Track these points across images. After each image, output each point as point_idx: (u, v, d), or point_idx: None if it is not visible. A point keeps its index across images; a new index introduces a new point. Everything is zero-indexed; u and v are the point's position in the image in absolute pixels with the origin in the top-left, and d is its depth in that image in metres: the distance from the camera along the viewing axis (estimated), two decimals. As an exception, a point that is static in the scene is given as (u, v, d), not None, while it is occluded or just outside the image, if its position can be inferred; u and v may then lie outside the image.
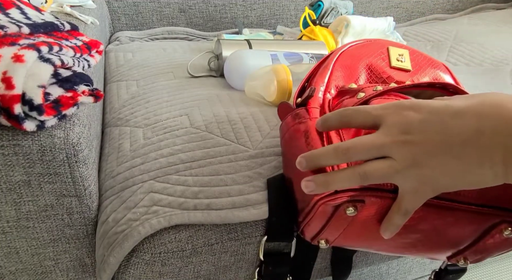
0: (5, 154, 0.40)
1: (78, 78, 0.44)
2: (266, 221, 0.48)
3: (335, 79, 0.47)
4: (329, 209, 0.38)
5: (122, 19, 1.05)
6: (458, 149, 0.32)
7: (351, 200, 0.37)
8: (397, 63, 0.50)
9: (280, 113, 0.49)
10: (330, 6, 0.97)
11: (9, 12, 0.48)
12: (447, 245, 0.44)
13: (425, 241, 0.43)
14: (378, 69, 0.50)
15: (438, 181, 0.33)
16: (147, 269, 0.46)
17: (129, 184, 0.50)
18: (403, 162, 0.33)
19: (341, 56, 0.49)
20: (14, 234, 0.47)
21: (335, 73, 0.47)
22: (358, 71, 0.49)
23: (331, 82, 0.47)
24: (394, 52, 0.51)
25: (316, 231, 0.42)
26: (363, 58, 0.50)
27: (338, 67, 0.48)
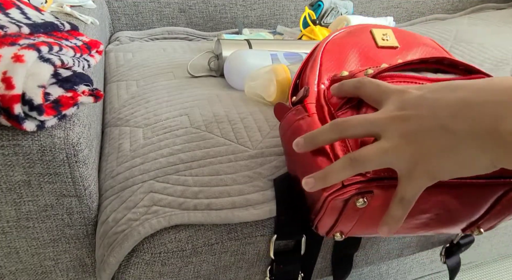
0: (5, 154, 0.40)
1: (78, 78, 0.44)
2: (274, 220, 0.48)
3: (325, 70, 0.47)
4: (339, 203, 0.39)
5: (122, 19, 1.05)
6: (447, 122, 0.30)
7: (360, 193, 0.37)
8: (383, 42, 0.50)
9: (277, 114, 0.49)
10: (330, 6, 0.97)
11: (9, 12, 0.48)
12: (460, 220, 0.44)
13: (437, 219, 0.43)
14: (367, 52, 0.49)
15: (431, 161, 0.31)
16: (147, 269, 0.46)
17: (129, 184, 0.50)
18: (392, 139, 0.32)
19: (327, 47, 0.49)
20: (14, 234, 0.47)
21: (325, 64, 0.47)
22: (347, 58, 0.48)
23: (323, 74, 0.46)
24: (377, 33, 0.51)
25: (330, 226, 0.43)
26: (349, 45, 0.50)
27: (327, 58, 0.48)
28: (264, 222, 0.48)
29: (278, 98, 0.62)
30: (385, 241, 0.58)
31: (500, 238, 0.78)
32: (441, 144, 0.30)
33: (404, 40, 0.52)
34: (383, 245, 0.58)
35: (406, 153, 0.32)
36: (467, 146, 0.29)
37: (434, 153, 0.31)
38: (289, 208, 0.47)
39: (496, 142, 0.28)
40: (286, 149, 0.48)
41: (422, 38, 0.54)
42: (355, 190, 0.37)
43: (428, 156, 0.31)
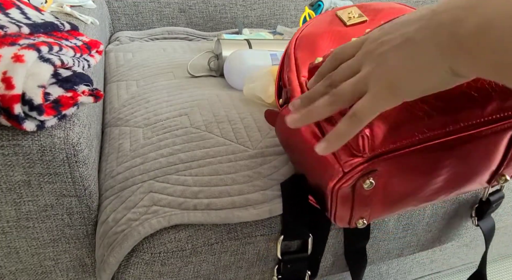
0: (5, 154, 0.40)
1: (78, 78, 0.44)
2: (275, 220, 0.49)
3: (302, 62, 0.47)
4: (348, 190, 0.39)
5: (122, 19, 1.05)
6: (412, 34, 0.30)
7: (364, 174, 0.37)
8: (351, 21, 0.50)
9: (269, 120, 0.50)
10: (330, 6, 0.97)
11: (9, 12, 0.48)
12: (480, 174, 0.44)
13: (455, 180, 0.43)
14: (338, 35, 0.49)
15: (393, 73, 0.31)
16: (147, 269, 0.46)
17: (129, 184, 0.50)
18: (367, 67, 0.33)
19: (298, 42, 0.49)
20: (14, 234, 0.47)
21: (300, 57, 0.47)
22: (320, 46, 0.48)
23: (300, 67, 0.46)
24: (343, 13, 0.51)
25: (348, 215, 0.43)
26: (319, 33, 0.50)
27: (300, 51, 0.48)
28: (264, 222, 0.48)
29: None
30: (385, 241, 0.58)
31: (500, 238, 0.78)
32: (403, 55, 0.31)
33: (372, 12, 0.52)
34: (383, 245, 0.58)
35: (374, 74, 0.32)
36: (427, 52, 0.29)
37: (397, 65, 0.31)
38: (296, 209, 0.48)
39: (455, 45, 0.28)
40: (287, 147, 0.48)
41: (389, 4, 0.53)
42: (358, 174, 0.37)
43: (391, 70, 0.31)
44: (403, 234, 0.58)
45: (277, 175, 0.51)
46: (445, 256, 0.75)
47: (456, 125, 0.38)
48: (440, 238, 0.62)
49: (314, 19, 0.53)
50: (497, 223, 0.65)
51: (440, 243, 0.63)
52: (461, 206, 0.59)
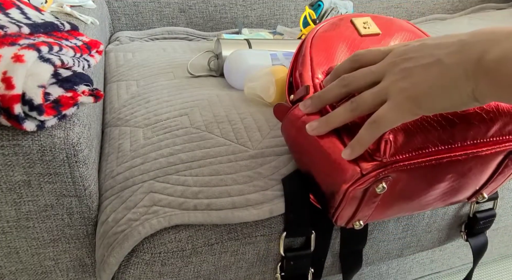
0: (5, 154, 0.40)
1: (78, 78, 0.44)
2: (282, 218, 0.49)
3: (317, 64, 0.47)
4: (359, 192, 0.40)
5: (122, 19, 1.05)
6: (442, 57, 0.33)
7: (379, 179, 0.38)
8: (366, 31, 0.52)
9: (277, 114, 0.50)
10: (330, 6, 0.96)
11: (9, 12, 0.48)
12: (468, 189, 0.47)
13: (449, 192, 0.45)
14: (353, 43, 0.51)
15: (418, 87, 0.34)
16: (147, 269, 0.46)
17: (129, 184, 0.50)
18: (389, 78, 0.35)
19: (314, 42, 0.50)
20: (14, 234, 0.47)
21: (315, 59, 0.48)
22: (336, 51, 0.49)
23: (315, 69, 0.47)
24: (358, 22, 0.53)
25: (350, 216, 0.44)
26: (335, 38, 0.50)
27: (316, 53, 0.49)
28: (264, 222, 0.48)
29: (278, 99, 0.62)
30: (385, 241, 0.58)
31: (500, 238, 0.78)
32: (431, 74, 0.34)
33: (384, 26, 0.53)
34: (383, 245, 0.58)
35: (398, 86, 0.35)
36: (455, 75, 0.33)
37: (423, 81, 0.34)
38: (298, 205, 0.48)
39: (480, 70, 0.31)
40: (293, 146, 0.48)
41: (400, 22, 0.55)
42: (373, 178, 0.38)
43: (416, 85, 0.34)
44: (403, 234, 0.58)
45: (277, 175, 0.51)
46: (445, 256, 0.75)
47: (463, 142, 0.40)
48: (440, 238, 0.62)
49: (330, 21, 0.53)
50: (497, 223, 0.65)
51: (440, 244, 0.63)
52: (461, 207, 0.59)
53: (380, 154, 0.37)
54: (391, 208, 0.44)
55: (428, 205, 0.47)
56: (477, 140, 0.41)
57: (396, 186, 0.40)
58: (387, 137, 0.37)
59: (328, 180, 0.42)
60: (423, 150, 0.39)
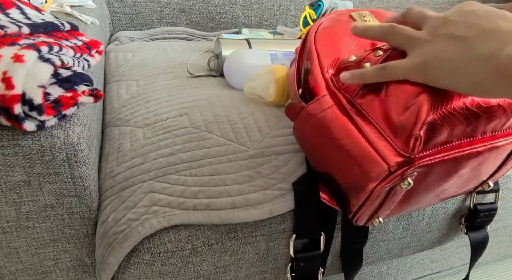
0: (5, 154, 0.40)
1: (78, 78, 0.44)
2: (292, 220, 0.49)
3: (324, 58, 0.47)
4: (385, 190, 0.40)
5: (122, 19, 1.05)
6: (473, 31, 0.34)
7: (406, 176, 0.38)
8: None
9: (290, 114, 0.49)
10: (330, 6, 0.97)
11: (9, 12, 0.48)
12: (478, 180, 0.47)
13: (462, 184, 0.46)
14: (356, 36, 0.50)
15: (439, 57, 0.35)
16: (147, 269, 0.46)
17: (129, 184, 0.50)
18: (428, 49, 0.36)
19: (318, 38, 0.49)
20: (14, 234, 0.47)
21: (322, 52, 0.47)
22: (342, 45, 0.49)
23: (323, 62, 0.46)
24: (357, 16, 0.52)
25: (371, 214, 0.43)
26: (339, 33, 0.50)
27: (322, 48, 0.48)
28: (264, 222, 0.48)
29: (278, 98, 0.62)
30: (385, 241, 0.58)
31: (500, 238, 0.78)
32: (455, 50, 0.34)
33: (382, 19, 0.53)
34: (383, 245, 0.58)
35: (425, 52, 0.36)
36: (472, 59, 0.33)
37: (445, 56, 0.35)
38: (309, 208, 0.48)
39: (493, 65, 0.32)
40: (308, 145, 0.47)
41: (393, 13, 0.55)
42: (400, 176, 0.38)
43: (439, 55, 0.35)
44: (403, 234, 0.58)
45: (277, 174, 0.51)
46: (445, 256, 0.75)
47: (484, 134, 0.40)
48: (440, 238, 0.62)
49: (329, 19, 0.53)
50: (497, 223, 0.65)
51: (440, 243, 0.63)
52: (461, 207, 0.59)
53: (409, 150, 0.37)
54: (411, 202, 0.44)
55: (443, 196, 0.47)
56: (496, 132, 0.41)
57: (419, 181, 0.40)
58: (418, 133, 0.36)
59: (350, 179, 0.42)
60: (447, 144, 0.39)
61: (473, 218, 0.59)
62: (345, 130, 0.41)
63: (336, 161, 0.43)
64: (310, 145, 0.47)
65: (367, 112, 0.41)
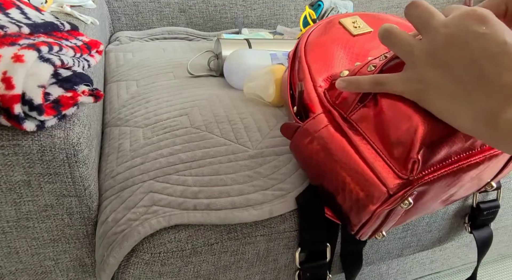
0: (5, 154, 0.40)
1: (78, 78, 0.44)
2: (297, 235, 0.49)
3: (316, 72, 0.46)
4: (387, 211, 0.39)
5: (122, 19, 1.05)
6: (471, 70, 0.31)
7: (406, 197, 0.38)
8: (357, 30, 0.51)
9: (285, 133, 0.48)
10: (330, 6, 0.97)
11: (9, 12, 0.48)
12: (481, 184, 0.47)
13: (464, 191, 0.46)
14: (348, 45, 0.49)
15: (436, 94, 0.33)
16: (147, 269, 0.46)
17: (128, 184, 0.50)
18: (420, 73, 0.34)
19: (308, 49, 0.49)
20: (14, 234, 0.47)
21: (313, 66, 0.47)
22: (334, 56, 0.48)
23: (315, 77, 0.46)
24: (347, 23, 0.52)
25: (374, 230, 0.43)
26: (329, 42, 0.49)
27: (312, 60, 0.47)
28: (264, 222, 0.48)
29: (277, 98, 0.62)
30: (385, 241, 0.58)
31: (500, 238, 0.78)
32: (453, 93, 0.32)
33: (373, 22, 0.52)
34: (383, 245, 0.58)
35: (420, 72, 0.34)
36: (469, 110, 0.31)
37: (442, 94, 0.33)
38: (313, 224, 0.48)
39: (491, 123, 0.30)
40: (306, 163, 0.46)
41: (386, 16, 0.54)
42: (401, 197, 0.37)
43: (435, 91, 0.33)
44: (403, 234, 0.58)
45: (277, 175, 0.51)
46: (445, 256, 0.74)
47: (483, 146, 0.40)
48: (440, 238, 0.62)
49: (318, 28, 0.52)
50: (497, 223, 0.65)
51: (440, 243, 0.63)
52: (462, 206, 0.59)
53: (407, 172, 0.36)
54: (413, 214, 0.44)
55: (446, 202, 0.47)
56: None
57: (419, 197, 0.40)
58: (415, 157, 0.36)
59: (351, 200, 0.41)
60: (446, 161, 0.38)
61: (476, 216, 0.59)
62: (341, 151, 0.40)
63: (336, 182, 0.42)
64: (308, 164, 0.46)
65: (363, 131, 0.40)
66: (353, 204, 0.41)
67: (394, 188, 0.37)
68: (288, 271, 0.53)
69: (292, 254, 0.51)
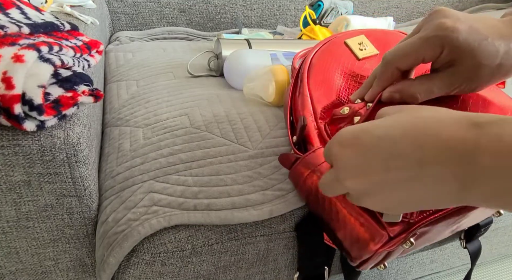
0: (5, 154, 0.40)
1: (78, 78, 0.44)
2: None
3: (317, 101, 0.45)
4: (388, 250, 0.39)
5: (122, 19, 1.05)
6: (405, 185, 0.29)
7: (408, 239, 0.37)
8: (363, 53, 0.49)
9: (284, 163, 0.47)
10: (330, 6, 0.97)
11: (9, 12, 0.48)
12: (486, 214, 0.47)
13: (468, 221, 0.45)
14: (351, 69, 0.48)
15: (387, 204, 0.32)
16: (147, 269, 0.46)
17: (129, 184, 0.50)
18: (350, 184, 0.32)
19: (311, 74, 0.47)
20: (14, 234, 0.47)
21: (315, 94, 0.46)
22: (334, 82, 0.47)
23: (316, 107, 0.45)
24: (353, 44, 0.49)
25: (375, 263, 0.43)
26: (331, 66, 0.48)
27: (315, 88, 0.46)
28: (264, 222, 0.48)
29: (277, 98, 0.62)
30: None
31: (500, 238, 0.78)
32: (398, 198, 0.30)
33: (380, 43, 0.50)
34: (383, 245, 0.58)
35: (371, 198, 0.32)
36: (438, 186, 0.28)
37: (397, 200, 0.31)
38: (312, 250, 0.48)
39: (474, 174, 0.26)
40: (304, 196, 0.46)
41: (394, 35, 0.52)
42: (403, 239, 0.37)
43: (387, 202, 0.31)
44: (403, 234, 0.58)
45: (278, 175, 0.51)
46: (445, 256, 0.74)
47: None
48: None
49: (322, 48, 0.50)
50: (497, 223, 0.65)
51: (440, 243, 0.63)
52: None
53: (407, 215, 0.36)
54: (417, 247, 0.44)
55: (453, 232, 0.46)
56: None
57: (422, 235, 0.40)
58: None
59: (352, 238, 0.40)
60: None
61: (473, 233, 0.59)
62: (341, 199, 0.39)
63: (336, 218, 0.41)
64: (307, 197, 0.45)
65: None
66: (354, 241, 0.40)
67: (394, 231, 0.36)
68: (288, 271, 0.53)
69: (292, 254, 0.51)
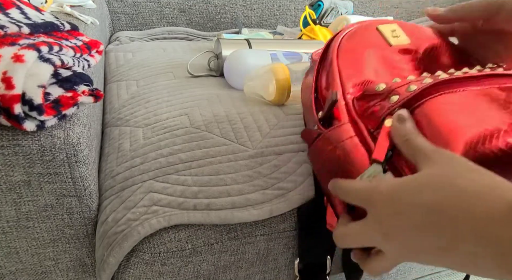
0: (5, 154, 0.40)
1: (78, 78, 0.44)
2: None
3: (346, 77, 0.43)
4: None
5: (122, 19, 1.05)
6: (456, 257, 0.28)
7: None
8: (396, 40, 0.47)
9: (306, 139, 0.46)
10: (330, 6, 0.97)
11: (9, 12, 0.48)
12: None
13: None
14: (383, 54, 0.46)
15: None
16: (147, 269, 0.46)
17: (128, 184, 0.50)
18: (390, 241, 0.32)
19: (340, 53, 0.46)
20: (14, 234, 0.47)
21: (344, 72, 0.44)
22: (366, 64, 0.44)
23: (345, 82, 0.43)
24: (386, 31, 0.48)
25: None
26: (363, 48, 0.46)
27: (344, 66, 0.44)
28: (264, 221, 0.48)
29: (278, 97, 0.62)
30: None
31: (500, 238, 0.78)
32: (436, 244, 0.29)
33: (412, 34, 0.48)
34: (383, 245, 0.58)
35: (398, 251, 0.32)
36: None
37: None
38: (313, 236, 0.48)
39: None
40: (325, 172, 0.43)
41: (425, 30, 0.50)
42: None
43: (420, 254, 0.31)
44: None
45: (277, 174, 0.51)
46: (445, 256, 0.74)
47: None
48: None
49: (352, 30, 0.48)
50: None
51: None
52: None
53: None
54: None
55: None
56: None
57: None
58: None
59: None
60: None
61: None
62: (363, 165, 0.37)
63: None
64: (326, 173, 0.43)
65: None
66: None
67: None
68: (288, 271, 0.53)
69: (292, 254, 0.51)
